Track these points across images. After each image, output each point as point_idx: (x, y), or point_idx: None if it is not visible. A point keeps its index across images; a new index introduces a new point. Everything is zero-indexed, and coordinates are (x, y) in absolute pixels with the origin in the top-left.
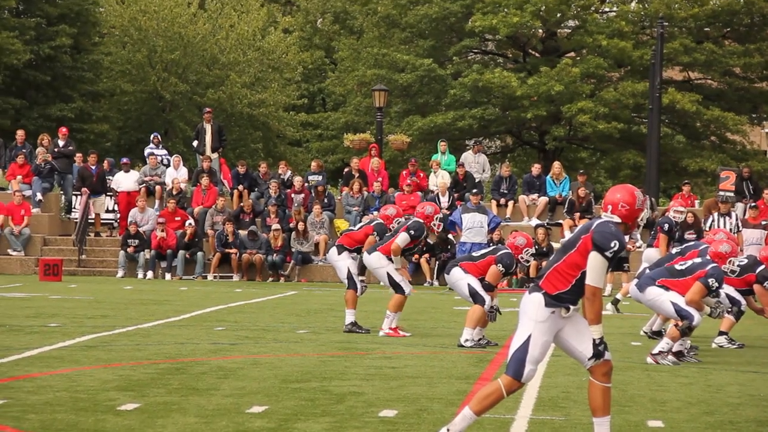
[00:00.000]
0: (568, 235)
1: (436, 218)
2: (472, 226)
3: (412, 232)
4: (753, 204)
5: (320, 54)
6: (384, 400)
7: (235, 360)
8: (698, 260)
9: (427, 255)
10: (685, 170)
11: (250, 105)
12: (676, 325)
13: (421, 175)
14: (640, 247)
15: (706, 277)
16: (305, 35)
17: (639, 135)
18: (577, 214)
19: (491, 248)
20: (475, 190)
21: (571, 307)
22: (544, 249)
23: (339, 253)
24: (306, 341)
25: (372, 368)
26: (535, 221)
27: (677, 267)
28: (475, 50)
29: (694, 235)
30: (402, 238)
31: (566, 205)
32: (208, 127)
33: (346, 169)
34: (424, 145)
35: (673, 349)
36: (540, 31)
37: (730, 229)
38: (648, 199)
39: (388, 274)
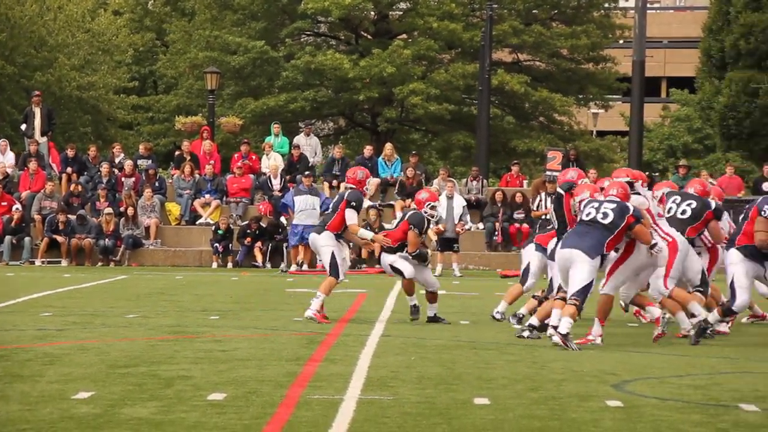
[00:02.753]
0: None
1: (368, 181)
2: (305, 208)
3: (353, 203)
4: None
5: (151, 36)
6: (213, 384)
7: (61, 346)
8: None
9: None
10: (515, 151)
11: (79, 88)
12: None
13: (254, 157)
14: (469, 229)
15: None
16: (136, 17)
17: (469, 116)
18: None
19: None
20: (307, 173)
21: None
22: (377, 231)
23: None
24: (135, 326)
25: (201, 352)
26: (367, 202)
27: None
28: (308, 32)
29: (522, 215)
30: (349, 216)
31: (397, 186)
32: (37, 111)
33: (177, 152)
34: (257, 127)
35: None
36: (372, 13)
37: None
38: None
39: (332, 254)
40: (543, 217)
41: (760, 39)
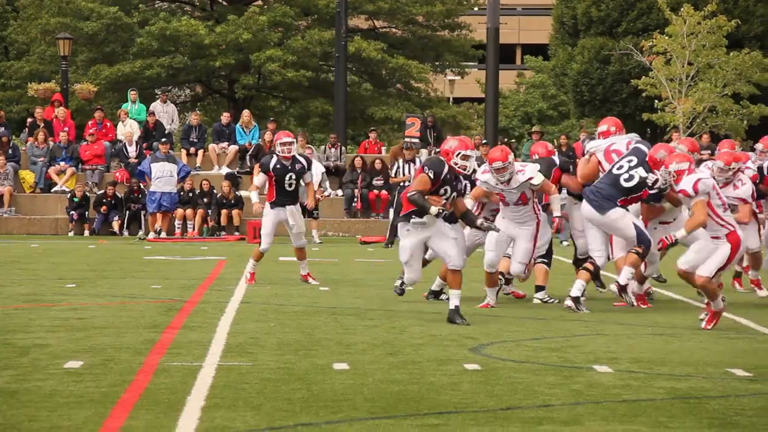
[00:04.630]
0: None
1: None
2: (162, 176)
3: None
4: (437, 150)
5: (1, 1)
6: (70, 352)
7: None
8: None
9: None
10: (372, 118)
11: None
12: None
13: (108, 124)
14: (329, 196)
15: None
16: None
17: (327, 83)
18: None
19: None
20: (164, 140)
21: None
22: (232, 201)
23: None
24: None
25: (58, 320)
26: (225, 170)
27: None
28: None
29: (381, 181)
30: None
31: (252, 151)
32: None
33: (30, 120)
34: (112, 94)
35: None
36: None
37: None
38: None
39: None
40: (402, 183)
41: (611, 6)
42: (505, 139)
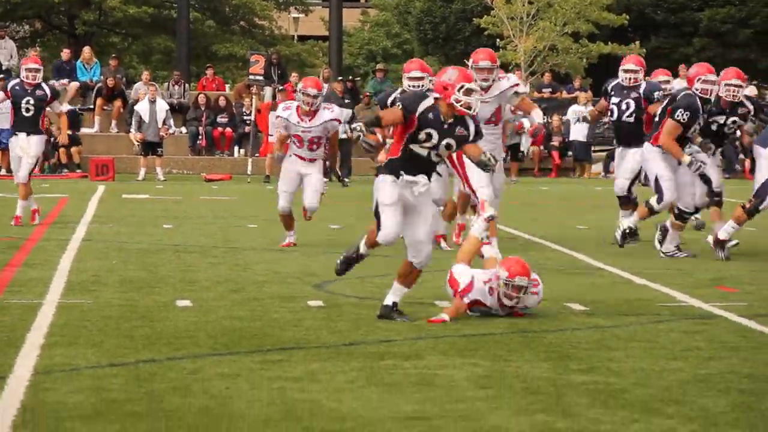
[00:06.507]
0: (98, 121)
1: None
2: (1, 112)
3: None
4: (281, 87)
5: None
6: None
7: None
8: None
9: None
10: (216, 55)
11: None
12: None
13: None
14: (173, 133)
15: None
16: None
17: (169, 20)
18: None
19: None
20: (2, 76)
21: None
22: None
23: None
24: None
25: None
26: (66, 106)
27: None
28: None
29: (226, 119)
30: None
31: (95, 91)
32: None
33: None
34: None
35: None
36: None
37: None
38: None
39: None
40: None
41: None
42: (350, 77)
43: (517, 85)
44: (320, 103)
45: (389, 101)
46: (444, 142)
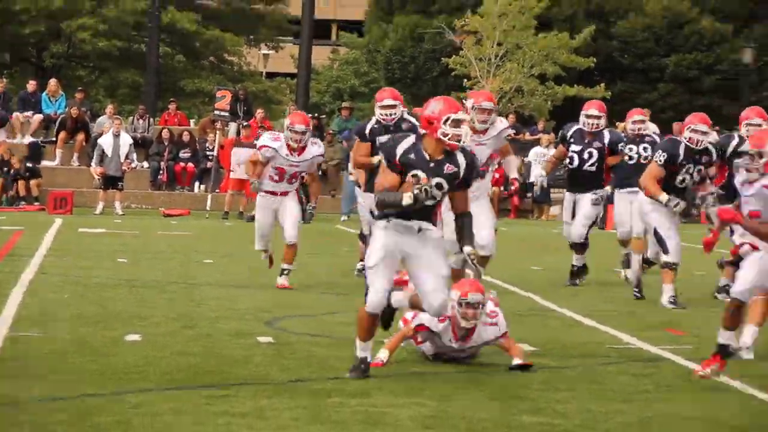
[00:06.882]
0: (60, 154)
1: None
2: None
3: None
4: (245, 124)
5: None
6: None
7: None
8: None
9: None
10: (183, 90)
11: None
12: None
13: None
14: (135, 167)
15: None
16: None
17: (139, 54)
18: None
19: None
20: None
21: None
22: (26, 173)
23: None
24: None
25: None
26: (28, 138)
27: None
28: None
29: (189, 154)
30: None
31: (58, 123)
32: None
33: None
34: None
35: None
36: None
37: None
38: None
39: None
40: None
41: None
42: (316, 114)
43: (508, 127)
44: (308, 139)
45: (367, 131)
46: (434, 182)
